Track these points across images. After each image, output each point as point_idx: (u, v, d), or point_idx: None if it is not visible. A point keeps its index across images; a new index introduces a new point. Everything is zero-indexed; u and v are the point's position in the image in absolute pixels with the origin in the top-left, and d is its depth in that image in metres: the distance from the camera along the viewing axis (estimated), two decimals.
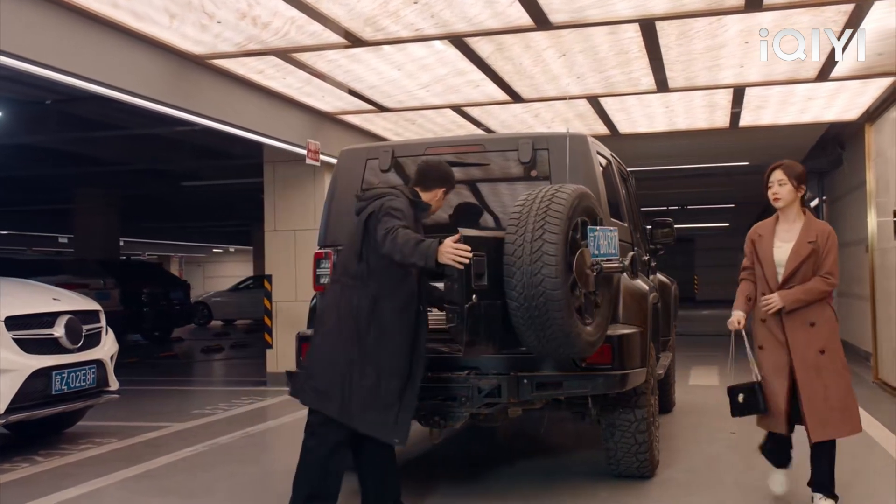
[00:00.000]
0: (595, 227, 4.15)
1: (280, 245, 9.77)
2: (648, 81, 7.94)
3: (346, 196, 4.98)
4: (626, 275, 4.62)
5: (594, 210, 4.29)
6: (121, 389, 6.61)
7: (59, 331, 5.95)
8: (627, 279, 4.74)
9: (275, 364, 9.57)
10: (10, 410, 5.52)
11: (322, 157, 8.93)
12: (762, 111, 9.48)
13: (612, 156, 5.60)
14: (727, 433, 6.09)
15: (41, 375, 5.71)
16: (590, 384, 4.34)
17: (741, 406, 4.26)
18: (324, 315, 4.02)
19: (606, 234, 4.24)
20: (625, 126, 10.22)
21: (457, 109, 9.12)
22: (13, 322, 5.70)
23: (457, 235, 3.69)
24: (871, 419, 6.66)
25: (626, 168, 6.30)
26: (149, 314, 16.90)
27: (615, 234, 4.36)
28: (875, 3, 5.77)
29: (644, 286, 5.14)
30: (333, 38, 6.42)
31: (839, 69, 7.47)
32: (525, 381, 4.27)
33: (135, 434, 6.75)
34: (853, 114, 9.40)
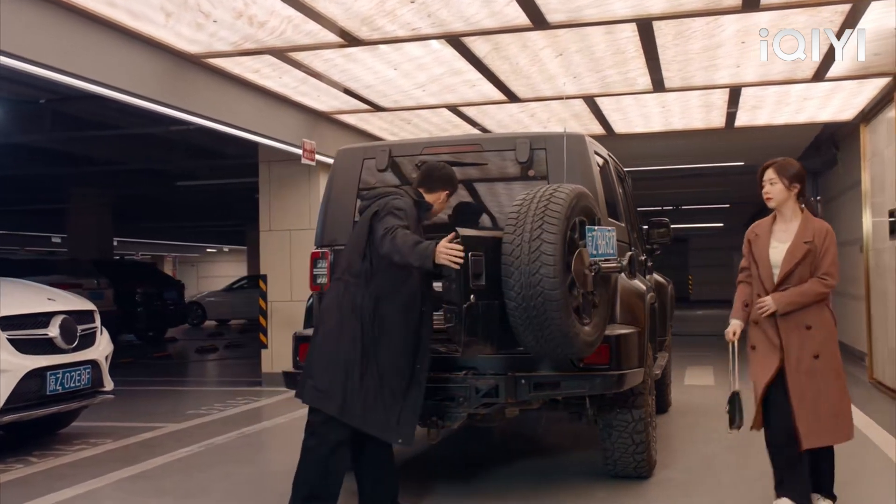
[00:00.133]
0: (593, 227, 4.15)
1: (275, 245, 9.74)
2: (645, 81, 7.94)
3: (343, 196, 4.98)
4: (624, 275, 4.63)
5: (592, 210, 4.28)
6: (115, 390, 6.58)
7: (54, 331, 5.92)
8: (625, 279, 4.74)
9: (270, 364, 9.54)
10: (5, 411, 5.50)
11: (317, 157, 8.91)
12: (758, 111, 9.49)
13: (609, 155, 5.60)
14: (723, 433, 6.07)
15: (36, 376, 5.69)
16: (587, 384, 4.33)
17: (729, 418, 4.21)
18: (325, 314, 3.99)
19: (604, 234, 4.24)
20: (621, 126, 10.21)
21: (453, 109, 9.11)
22: (8, 322, 5.68)
23: (451, 235, 3.67)
24: (867, 419, 6.68)
25: (623, 168, 6.30)
26: (143, 314, 16.85)
27: (613, 235, 4.36)
28: (872, 4, 5.78)
29: (641, 286, 5.14)
30: (330, 38, 6.40)
31: (835, 69, 7.48)
32: (523, 382, 4.25)
33: (130, 435, 6.72)
34: (849, 114, 9.41)
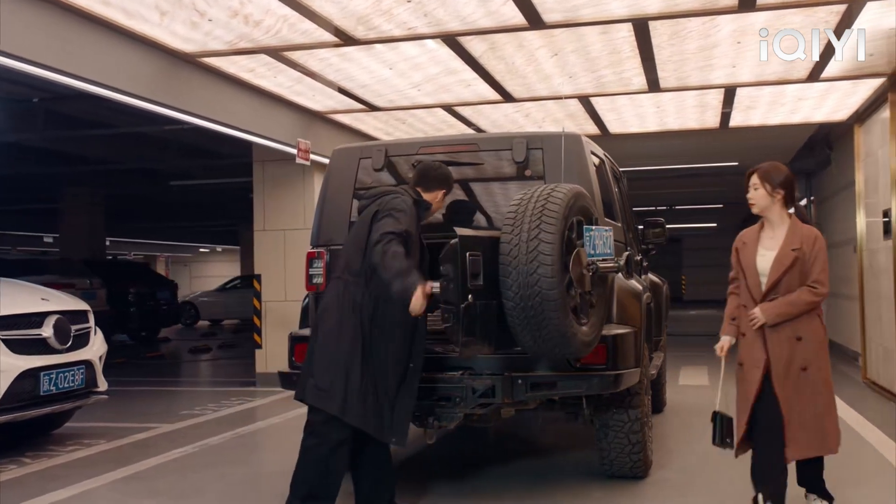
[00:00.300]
0: (591, 227, 4.14)
1: (269, 245, 9.72)
2: (640, 81, 7.94)
3: (340, 196, 4.96)
4: (621, 275, 4.62)
5: (589, 210, 4.28)
6: (109, 390, 6.54)
7: (48, 331, 5.88)
8: (622, 279, 4.74)
9: (264, 364, 9.51)
10: None
11: (312, 157, 8.89)
12: (752, 111, 9.50)
13: (605, 155, 5.60)
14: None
15: (29, 376, 5.65)
16: (584, 384, 4.32)
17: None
18: (324, 313, 3.97)
19: (602, 234, 4.23)
20: (615, 126, 10.21)
21: (448, 109, 9.09)
22: (1, 322, 5.64)
23: (428, 287, 3.63)
24: (861, 419, 6.70)
25: (618, 168, 6.30)
26: (135, 314, 16.81)
27: (610, 234, 4.36)
28: (867, 4, 5.79)
29: (638, 286, 5.14)
30: (325, 37, 6.38)
31: (830, 70, 7.49)
32: (519, 382, 4.25)
33: (123, 435, 6.69)
34: (843, 114, 9.43)
